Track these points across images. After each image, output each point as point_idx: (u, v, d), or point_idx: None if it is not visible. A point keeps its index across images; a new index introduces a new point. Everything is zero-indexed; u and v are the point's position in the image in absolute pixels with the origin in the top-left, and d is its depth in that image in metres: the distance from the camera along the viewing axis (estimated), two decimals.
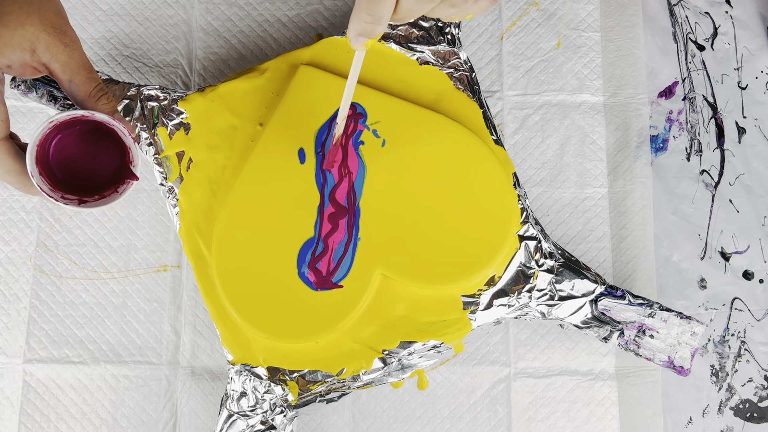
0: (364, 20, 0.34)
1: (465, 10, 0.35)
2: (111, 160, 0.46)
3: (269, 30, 0.59)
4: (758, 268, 0.55)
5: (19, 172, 0.41)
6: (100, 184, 0.46)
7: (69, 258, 0.56)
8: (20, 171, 0.41)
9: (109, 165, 0.46)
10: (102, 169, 0.46)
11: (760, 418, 0.53)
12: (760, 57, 0.58)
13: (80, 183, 0.45)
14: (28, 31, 0.39)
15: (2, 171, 0.41)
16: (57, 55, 0.40)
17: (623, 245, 0.55)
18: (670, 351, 0.49)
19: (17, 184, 0.42)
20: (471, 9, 0.35)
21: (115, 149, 0.46)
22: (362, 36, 0.35)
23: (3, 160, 0.40)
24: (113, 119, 0.42)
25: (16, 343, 0.54)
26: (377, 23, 0.34)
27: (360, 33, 0.35)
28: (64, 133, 0.45)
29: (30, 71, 0.41)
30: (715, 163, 0.56)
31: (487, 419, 0.53)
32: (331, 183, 0.50)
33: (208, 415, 0.54)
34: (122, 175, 0.46)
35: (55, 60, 0.40)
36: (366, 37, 0.35)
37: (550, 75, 0.57)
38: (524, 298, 0.50)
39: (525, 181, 0.56)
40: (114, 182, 0.46)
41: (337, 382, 0.50)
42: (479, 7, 0.35)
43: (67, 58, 0.41)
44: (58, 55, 0.40)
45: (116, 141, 0.46)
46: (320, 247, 0.49)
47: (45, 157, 0.44)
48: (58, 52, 0.40)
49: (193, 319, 0.55)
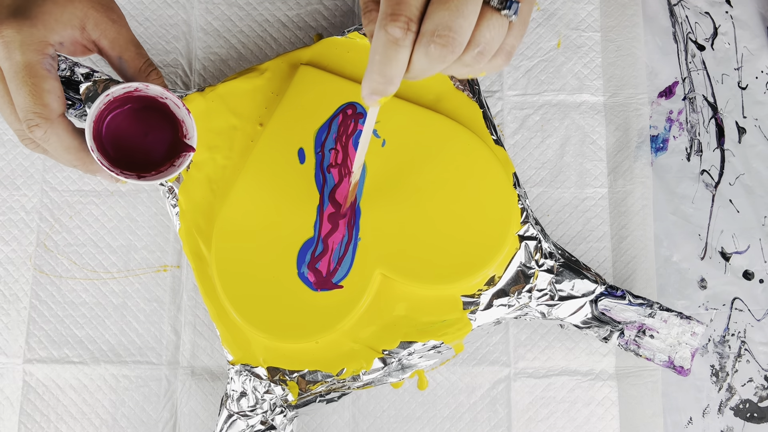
0: (376, 81, 0.34)
1: (478, 69, 0.35)
2: (163, 137, 0.47)
3: (269, 30, 0.59)
4: (758, 268, 0.55)
5: (77, 148, 0.41)
6: (154, 161, 0.46)
7: (69, 258, 0.56)
8: (79, 148, 0.41)
9: (161, 142, 0.47)
10: (154, 147, 0.47)
11: (761, 418, 0.53)
12: (760, 57, 0.58)
13: (132, 161, 0.45)
14: (77, 8, 0.39)
15: (60, 149, 0.40)
16: (106, 31, 0.41)
17: (623, 245, 0.55)
18: (670, 351, 0.49)
19: (76, 161, 0.41)
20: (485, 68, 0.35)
21: (166, 125, 0.47)
22: (374, 95, 0.35)
23: (62, 137, 0.40)
24: (167, 91, 0.42)
25: (16, 343, 0.54)
26: (389, 84, 0.34)
27: (372, 92, 0.35)
28: (115, 113, 0.45)
29: (80, 49, 0.41)
30: (716, 163, 0.56)
31: (487, 419, 0.53)
32: (331, 183, 0.50)
33: (208, 415, 0.54)
34: (176, 150, 0.46)
35: (105, 37, 0.41)
36: (378, 95, 0.35)
37: (550, 75, 0.57)
38: (524, 298, 0.50)
39: (525, 181, 0.56)
40: (168, 158, 0.46)
41: (337, 382, 0.50)
42: (493, 66, 0.35)
43: (116, 35, 0.41)
44: (107, 32, 0.41)
45: (168, 116, 0.46)
46: (320, 247, 0.49)
47: (98, 135, 0.44)
48: (107, 29, 0.41)
49: (193, 319, 0.55)
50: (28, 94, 0.38)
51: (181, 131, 0.46)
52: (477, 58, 0.34)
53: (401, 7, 0.31)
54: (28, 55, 0.38)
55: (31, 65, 0.38)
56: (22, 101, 0.38)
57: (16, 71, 0.38)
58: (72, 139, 0.40)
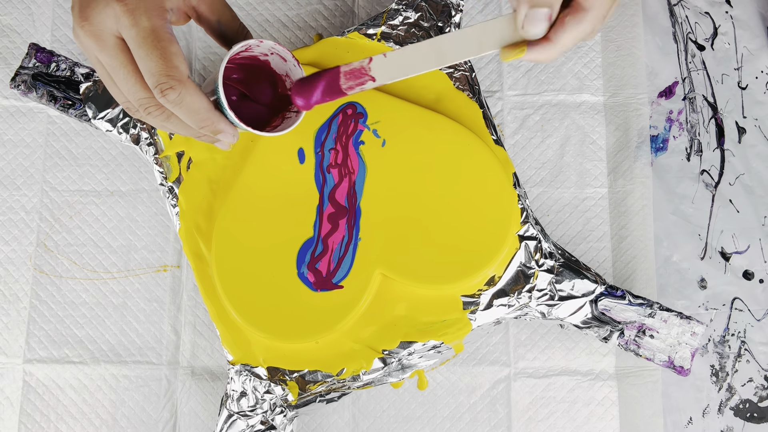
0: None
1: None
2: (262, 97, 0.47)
3: (269, 30, 0.59)
4: (758, 268, 0.55)
5: (207, 108, 0.40)
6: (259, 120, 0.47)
7: (69, 258, 0.56)
8: (209, 107, 0.41)
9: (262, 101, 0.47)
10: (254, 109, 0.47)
11: (760, 418, 0.53)
12: (760, 57, 0.58)
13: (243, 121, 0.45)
14: None
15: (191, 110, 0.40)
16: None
17: (623, 245, 0.55)
18: (670, 351, 0.49)
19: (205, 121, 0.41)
20: None
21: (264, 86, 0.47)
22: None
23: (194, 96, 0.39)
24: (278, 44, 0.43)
25: (16, 343, 0.54)
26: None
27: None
28: None
29: (183, 17, 0.42)
30: (715, 163, 0.56)
31: (487, 419, 0.53)
32: (331, 183, 0.50)
33: (208, 415, 0.54)
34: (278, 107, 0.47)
35: (203, 2, 0.41)
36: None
37: (550, 75, 0.57)
38: (524, 298, 0.50)
39: (525, 181, 0.56)
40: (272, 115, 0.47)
41: (337, 382, 0.50)
42: None
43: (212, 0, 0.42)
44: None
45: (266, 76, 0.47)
46: (320, 247, 0.49)
47: None
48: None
49: (193, 319, 0.55)
50: (159, 58, 0.38)
51: (282, 85, 0.47)
52: None
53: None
54: (153, 20, 0.38)
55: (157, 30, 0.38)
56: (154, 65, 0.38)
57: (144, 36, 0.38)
58: (201, 100, 0.40)
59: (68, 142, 0.57)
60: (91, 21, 0.38)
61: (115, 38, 0.38)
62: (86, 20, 0.38)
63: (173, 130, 0.42)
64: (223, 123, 0.42)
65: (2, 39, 0.59)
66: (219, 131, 0.42)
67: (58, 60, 0.54)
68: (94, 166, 0.57)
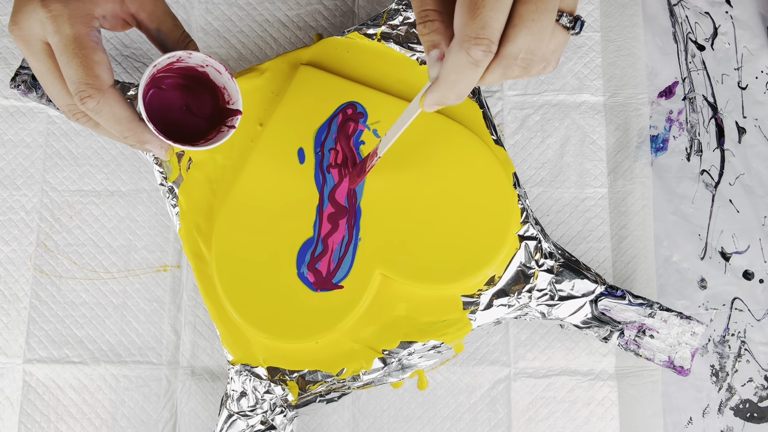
0: (447, 96, 0.35)
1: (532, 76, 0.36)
2: (203, 108, 0.48)
3: (269, 30, 0.59)
4: (758, 268, 0.55)
5: (129, 118, 0.41)
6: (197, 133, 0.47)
7: (69, 258, 0.56)
8: (131, 118, 0.41)
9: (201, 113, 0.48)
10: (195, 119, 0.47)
11: (761, 418, 0.53)
12: (760, 57, 0.58)
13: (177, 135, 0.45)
14: None
15: (112, 120, 0.40)
16: (144, 4, 0.41)
17: (623, 245, 0.55)
18: (670, 351, 0.49)
19: (127, 131, 0.41)
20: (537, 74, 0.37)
21: (205, 97, 0.47)
22: (438, 105, 0.36)
23: (113, 108, 0.40)
24: (209, 57, 0.43)
25: (16, 343, 0.54)
26: (459, 99, 0.36)
27: (438, 104, 0.36)
28: (155, 90, 0.46)
29: (120, 24, 0.42)
30: (715, 163, 0.56)
31: (487, 419, 0.53)
32: (331, 183, 0.50)
33: (208, 415, 0.54)
34: (218, 119, 0.47)
35: (143, 10, 0.41)
36: (441, 106, 0.37)
37: (550, 75, 0.57)
38: (524, 298, 0.50)
39: (525, 181, 0.56)
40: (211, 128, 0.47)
41: (337, 382, 0.50)
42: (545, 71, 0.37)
43: (153, 7, 0.42)
44: (145, 5, 0.41)
45: (207, 87, 0.47)
46: (320, 247, 0.49)
47: None
48: (144, 2, 0.41)
49: (193, 319, 0.55)
50: (79, 66, 0.38)
51: (222, 98, 0.47)
52: (542, 70, 0.35)
53: (485, 30, 0.32)
54: (77, 27, 0.38)
55: (80, 37, 0.38)
56: (73, 73, 0.38)
57: (66, 44, 0.38)
58: (123, 110, 0.40)
59: (68, 142, 0.57)
60: (20, 26, 0.38)
61: (42, 43, 0.39)
62: (16, 24, 0.39)
63: (105, 134, 0.42)
64: (147, 134, 0.42)
65: (2, 39, 0.59)
66: (144, 142, 0.42)
67: None
68: (94, 166, 0.57)
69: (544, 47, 0.34)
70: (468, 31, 0.32)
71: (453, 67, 0.34)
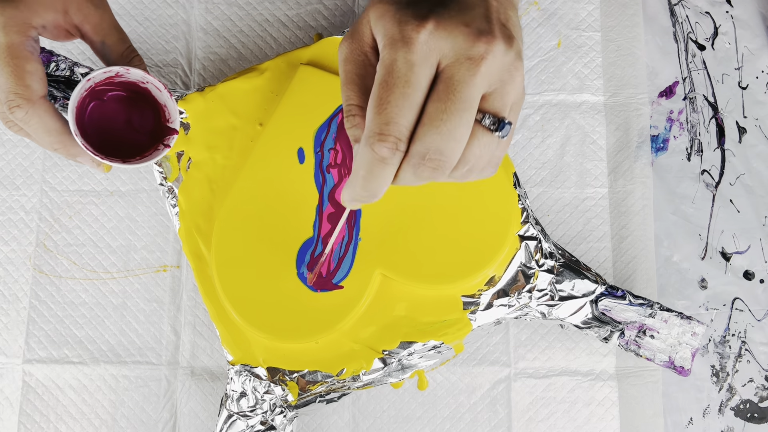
0: (359, 193, 0.33)
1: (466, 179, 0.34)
2: (145, 123, 0.47)
3: (269, 30, 0.59)
4: (759, 268, 0.55)
5: (59, 131, 0.40)
6: (138, 147, 0.47)
7: (69, 258, 0.56)
8: (60, 130, 0.41)
9: (144, 128, 0.47)
10: (137, 134, 0.47)
11: (761, 418, 0.53)
12: (761, 57, 0.58)
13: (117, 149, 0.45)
14: None
15: (41, 132, 0.40)
16: (89, 16, 0.41)
17: (623, 245, 0.55)
18: (670, 351, 0.49)
19: (57, 144, 0.41)
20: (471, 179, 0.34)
21: (148, 112, 0.47)
22: (356, 202, 0.35)
23: (43, 119, 0.39)
24: (148, 74, 0.43)
25: (15, 343, 0.54)
26: (372, 197, 0.34)
27: (354, 200, 0.34)
28: (96, 102, 0.46)
29: (63, 34, 0.41)
30: (716, 163, 0.56)
31: (487, 419, 0.53)
32: (331, 183, 0.50)
33: (208, 415, 0.54)
34: (159, 136, 0.46)
35: (87, 21, 0.41)
36: (360, 204, 0.35)
37: (550, 75, 0.57)
38: (524, 298, 0.50)
39: (525, 181, 0.56)
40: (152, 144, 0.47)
41: (337, 382, 0.50)
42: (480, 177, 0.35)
43: (99, 20, 0.41)
44: (90, 17, 0.41)
45: (150, 103, 0.46)
46: (319, 247, 0.49)
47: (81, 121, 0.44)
48: (89, 14, 0.41)
49: (193, 319, 0.55)
50: (9, 75, 0.38)
51: (163, 116, 0.47)
52: (466, 174, 0.33)
53: (390, 127, 0.31)
54: (10, 36, 0.38)
55: (13, 46, 0.38)
56: (3, 82, 0.38)
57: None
58: (54, 122, 0.40)
59: None
60: None
61: None
62: None
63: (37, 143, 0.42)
64: (77, 148, 0.42)
65: None
66: (74, 155, 0.42)
67: (58, 60, 0.54)
68: None
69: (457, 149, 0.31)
70: (373, 127, 0.31)
71: (361, 162, 0.32)
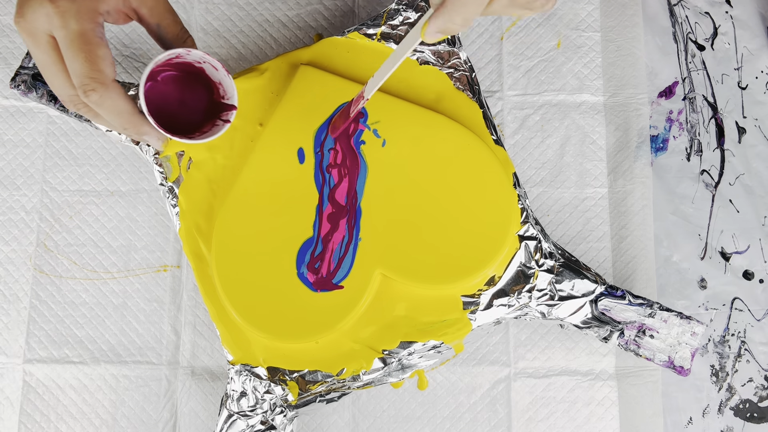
0: (453, 21, 0.34)
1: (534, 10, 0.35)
2: (198, 101, 0.49)
3: (269, 30, 0.59)
4: (758, 268, 0.55)
5: (130, 111, 0.42)
6: (192, 125, 0.48)
7: (69, 258, 0.56)
8: (131, 111, 0.42)
9: (197, 106, 0.49)
10: (190, 112, 0.49)
11: (761, 418, 0.53)
12: (760, 57, 0.58)
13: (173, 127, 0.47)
14: None
15: (113, 112, 0.42)
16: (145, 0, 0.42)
17: (623, 245, 0.55)
18: (670, 351, 0.49)
19: (127, 123, 0.43)
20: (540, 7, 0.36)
21: (200, 90, 0.49)
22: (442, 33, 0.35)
23: (116, 101, 0.41)
24: (206, 54, 0.45)
25: (16, 343, 0.54)
26: (465, 26, 0.35)
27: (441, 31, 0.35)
28: (151, 83, 0.47)
29: (123, 18, 0.43)
30: (715, 163, 0.56)
31: (487, 419, 0.53)
32: (331, 183, 0.50)
33: (208, 415, 0.54)
34: (214, 112, 0.48)
35: (144, 5, 0.42)
36: (446, 34, 0.36)
37: (550, 75, 0.57)
38: (524, 298, 0.50)
39: (525, 181, 0.56)
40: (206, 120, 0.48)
41: (337, 382, 0.50)
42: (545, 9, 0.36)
43: (155, 3, 0.43)
44: (147, 0, 0.43)
45: (202, 81, 0.48)
46: (319, 247, 0.49)
47: None
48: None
49: (193, 319, 0.55)
50: (84, 61, 0.40)
51: (217, 93, 0.48)
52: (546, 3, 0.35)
53: None
54: (83, 23, 0.39)
55: (86, 33, 0.40)
56: (78, 67, 0.40)
57: (72, 39, 0.39)
58: (125, 103, 0.42)
59: (68, 142, 0.57)
60: (26, 18, 0.40)
61: (47, 36, 0.40)
62: (22, 16, 0.40)
63: (104, 125, 0.44)
64: (146, 126, 0.44)
65: (2, 39, 0.59)
66: (143, 134, 0.44)
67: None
68: (94, 166, 0.57)
69: None
70: None
71: None
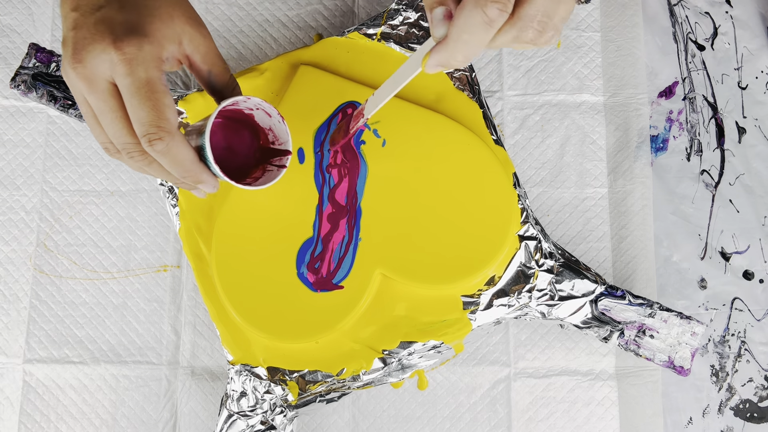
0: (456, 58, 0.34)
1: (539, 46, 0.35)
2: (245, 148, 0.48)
3: (269, 30, 0.59)
4: (758, 268, 0.55)
5: (192, 160, 0.41)
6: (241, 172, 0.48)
7: (69, 258, 0.56)
8: (193, 159, 0.41)
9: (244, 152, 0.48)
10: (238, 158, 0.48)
11: (761, 418, 0.53)
12: (760, 57, 0.58)
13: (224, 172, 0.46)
14: (176, 24, 0.40)
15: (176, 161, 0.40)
16: (199, 47, 0.42)
17: (623, 245, 0.55)
18: (670, 351, 0.49)
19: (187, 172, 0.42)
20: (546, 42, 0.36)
21: (247, 136, 0.48)
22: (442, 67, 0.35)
23: (180, 149, 0.40)
24: (263, 101, 0.45)
25: (16, 343, 0.54)
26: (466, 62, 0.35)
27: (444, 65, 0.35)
28: None
29: (176, 64, 0.42)
30: (715, 163, 0.56)
31: (487, 419, 0.53)
32: (331, 183, 0.50)
33: (208, 415, 0.54)
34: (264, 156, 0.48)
35: (197, 51, 0.42)
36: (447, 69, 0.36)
37: (550, 75, 0.57)
38: (524, 298, 0.50)
39: (525, 181, 0.56)
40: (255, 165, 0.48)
41: (337, 382, 0.50)
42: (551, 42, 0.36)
43: (207, 50, 0.42)
44: (200, 47, 0.42)
45: (250, 127, 0.48)
46: (319, 247, 0.49)
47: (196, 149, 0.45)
48: (199, 44, 0.42)
49: (193, 319, 0.55)
50: (151, 109, 0.38)
51: (264, 138, 0.48)
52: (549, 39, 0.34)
53: None
54: (150, 71, 0.38)
55: (153, 81, 0.39)
56: (145, 115, 0.39)
57: (139, 87, 0.38)
58: (188, 152, 0.41)
59: (68, 142, 0.57)
60: (85, 64, 0.38)
61: (107, 83, 0.38)
62: (80, 62, 0.38)
63: (151, 174, 0.42)
64: (205, 174, 0.43)
65: (2, 39, 0.59)
66: (201, 182, 0.43)
67: (58, 60, 0.54)
68: (94, 166, 0.57)
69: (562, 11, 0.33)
70: None
71: (465, 26, 0.33)
